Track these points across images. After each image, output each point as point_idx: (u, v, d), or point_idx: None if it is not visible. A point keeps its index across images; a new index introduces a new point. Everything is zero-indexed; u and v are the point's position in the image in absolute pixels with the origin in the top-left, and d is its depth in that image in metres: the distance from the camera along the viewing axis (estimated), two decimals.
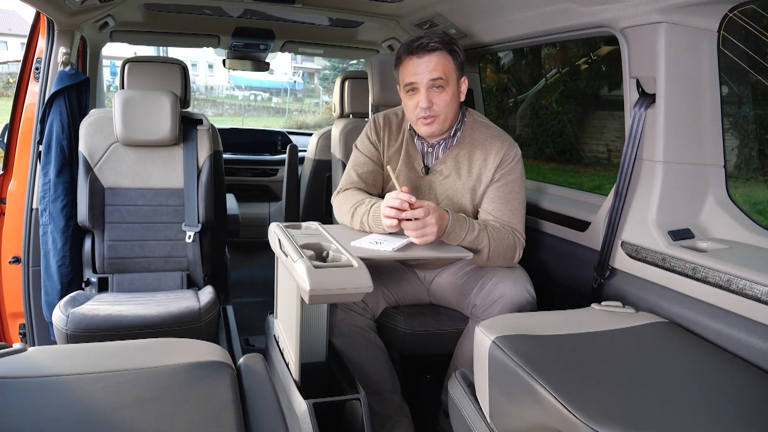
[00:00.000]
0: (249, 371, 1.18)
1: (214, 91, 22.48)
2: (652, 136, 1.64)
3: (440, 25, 2.46)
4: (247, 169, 3.78)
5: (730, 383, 1.20)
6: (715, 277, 1.44)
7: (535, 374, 1.18)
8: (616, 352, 1.31)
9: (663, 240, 1.61)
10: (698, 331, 1.47)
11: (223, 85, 22.58)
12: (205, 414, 0.96)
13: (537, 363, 1.22)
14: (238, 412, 0.99)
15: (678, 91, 1.59)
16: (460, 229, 1.72)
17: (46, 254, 2.24)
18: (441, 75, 1.78)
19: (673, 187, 1.64)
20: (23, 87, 2.31)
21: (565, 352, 1.29)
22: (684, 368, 1.26)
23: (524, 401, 1.19)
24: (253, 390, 1.11)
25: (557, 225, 2.12)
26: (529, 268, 2.08)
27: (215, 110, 19.73)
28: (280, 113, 20.37)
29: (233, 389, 1.06)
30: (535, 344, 1.32)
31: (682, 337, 1.41)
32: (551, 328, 1.41)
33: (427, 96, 1.80)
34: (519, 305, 1.76)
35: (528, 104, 10.24)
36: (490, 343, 1.33)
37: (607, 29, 1.75)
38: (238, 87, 21.98)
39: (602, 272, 1.80)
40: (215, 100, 20.95)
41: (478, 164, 1.89)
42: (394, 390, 1.89)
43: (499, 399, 1.30)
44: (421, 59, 1.79)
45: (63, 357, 1.14)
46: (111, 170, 2.31)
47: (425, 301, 2.09)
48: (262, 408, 1.04)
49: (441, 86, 1.79)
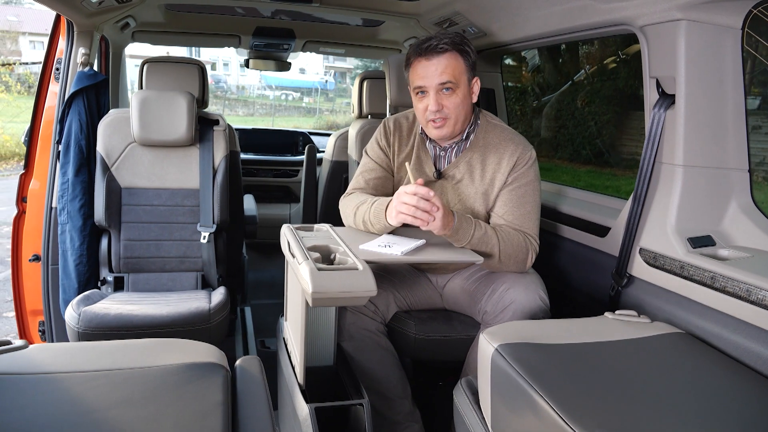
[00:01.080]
0: (244, 374, 1.20)
1: (246, 91, 22.84)
2: (671, 138, 1.61)
3: (459, 24, 2.45)
4: (268, 170, 3.84)
5: (744, 399, 1.17)
6: (734, 287, 1.40)
7: (535, 384, 1.17)
8: (625, 364, 1.29)
9: (682, 247, 1.57)
10: (715, 344, 1.43)
11: (254, 85, 22.92)
12: (193, 415, 0.99)
13: (539, 372, 1.21)
14: (227, 414, 1.01)
15: (699, 91, 1.56)
16: (467, 225, 1.71)
17: (64, 253, 2.32)
18: (450, 78, 1.77)
19: (693, 192, 1.60)
20: (44, 87, 2.40)
21: (570, 362, 1.28)
22: (695, 382, 1.23)
23: (524, 412, 1.18)
24: (246, 393, 1.13)
25: (577, 230, 2.09)
26: (546, 273, 2.05)
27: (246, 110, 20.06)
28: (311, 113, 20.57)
29: (224, 391, 1.08)
30: (539, 353, 1.30)
31: (697, 350, 1.37)
32: (559, 337, 1.39)
33: (437, 99, 1.79)
34: (531, 312, 1.74)
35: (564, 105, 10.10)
36: (493, 351, 1.33)
37: (627, 27, 1.72)
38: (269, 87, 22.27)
39: (619, 280, 1.77)
40: (246, 99, 21.28)
41: (492, 168, 1.88)
42: (405, 395, 1.89)
43: (500, 408, 1.29)
44: (430, 61, 1.78)
45: (61, 355, 1.18)
46: (128, 170, 2.37)
47: (439, 306, 2.09)
48: (252, 411, 1.06)
49: (451, 88, 1.78)
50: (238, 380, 1.18)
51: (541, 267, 2.04)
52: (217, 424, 0.97)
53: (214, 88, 20.95)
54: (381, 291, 1.95)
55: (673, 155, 1.61)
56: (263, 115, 19.84)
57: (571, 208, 2.18)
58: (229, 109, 19.46)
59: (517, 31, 2.23)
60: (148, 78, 2.52)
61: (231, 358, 2.70)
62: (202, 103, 2.62)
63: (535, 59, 10.29)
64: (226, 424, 0.98)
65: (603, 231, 1.96)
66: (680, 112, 1.57)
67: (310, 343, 1.78)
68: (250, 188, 3.76)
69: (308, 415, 1.51)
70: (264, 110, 20.39)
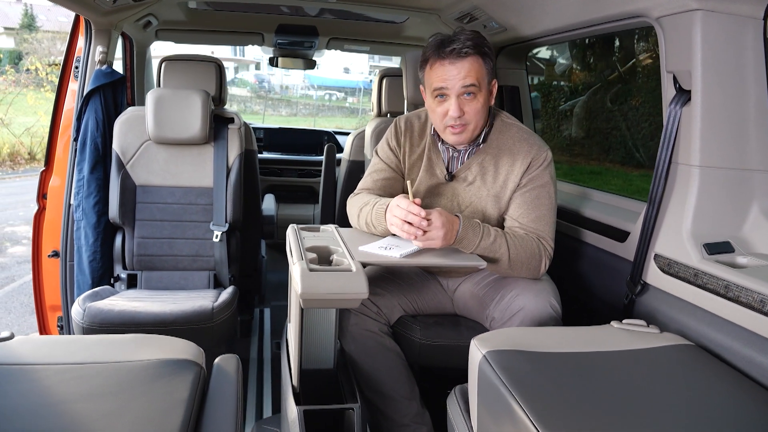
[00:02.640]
0: (219, 372, 1.22)
1: (290, 91, 23.18)
2: (687, 137, 1.55)
3: (479, 19, 2.44)
4: (292, 169, 3.89)
5: (747, 417, 1.12)
6: (747, 297, 1.34)
7: (516, 393, 1.15)
8: (621, 376, 1.25)
9: (696, 253, 1.51)
10: (726, 357, 1.37)
11: (298, 85, 23.25)
12: (154, 411, 1.01)
13: (523, 381, 1.19)
14: (189, 411, 1.03)
15: (716, 86, 1.50)
16: (473, 234, 1.69)
17: (78, 249, 2.41)
18: (474, 82, 1.75)
19: (711, 195, 1.54)
20: (64, 86, 2.51)
21: (560, 372, 1.25)
22: (695, 398, 1.18)
23: (504, 422, 1.16)
24: (217, 391, 1.15)
25: (596, 234, 2.04)
26: (564, 279, 2.01)
27: (289, 110, 20.35)
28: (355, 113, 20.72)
29: (193, 388, 1.10)
30: (528, 361, 1.28)
31: (704, 363, 1.32)
32: (555, 345, 1.36)
33: (458, 104, 1.76)
34: (540, 320, 1.70)
35: (617, 105, 9.85)
36: (481, 357, 1.31)
37: (644, 19, 1.67)
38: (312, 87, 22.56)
39: (633, 287, 1.72)
40: (290, 99, 21.60)
41: (505, 170, 1.86)
42: (412, 396, 1.88)
43: (485, 418, 1.27)
44: (453, 65, 1.75)
45: (42, 347, 1.23)
46: (143, 168, 2.45)
47: (449, 311, 2.07)
48: (218, 410, 1.08)
49: (473, 93, 1.76)
50: (213, 379, 1.20)
51: (559, 272, 2.00)
52: (177, 420, 0.99)
53: (258, 87, 21.36)
54: (386, 293, 1.95)
55: (689, 155, 1.55)
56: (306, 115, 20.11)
57: (592, 212, 2.13)
58: (272, 109, 19.80)
59: (536, 24, 2.19)
60: (166, 76, 2.60)
61: (245, 360, 2.74)
62: (219, 101, 2.69)
63: (588, 55, 10.08)
64: (186, 421, 1.00)
65: (623, 236, 1.91)
66: (696, 109, 1.52)
67: (309, 345, 1.80)
68: (274, 188, 3.83)
69: (296, 418, 1.52)
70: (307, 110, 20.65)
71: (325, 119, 19.14)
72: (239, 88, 21.10)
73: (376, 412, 1.92)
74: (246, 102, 19.56)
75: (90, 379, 1.10)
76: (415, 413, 1.88)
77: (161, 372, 1.14)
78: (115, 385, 1.09)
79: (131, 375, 1.13)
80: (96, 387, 1.07)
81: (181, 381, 1.12)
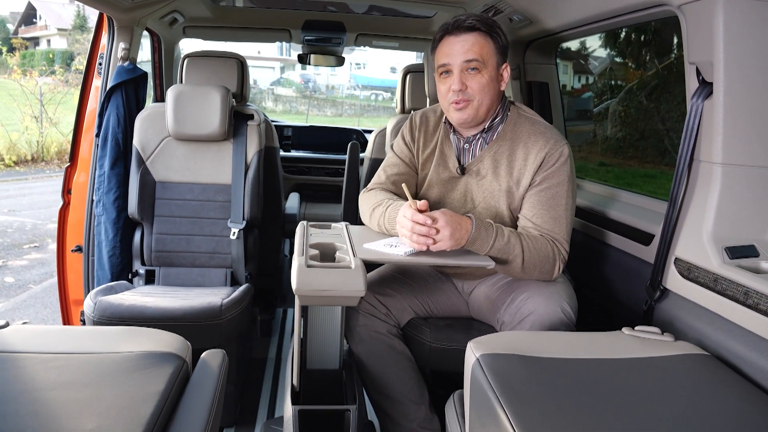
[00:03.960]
0: (203, 367, 1.24)
1: (336, 91, 23.41)
2: (709, 132, 1.49)
3: (504, 12, 2.41)
4: (320, 168, 3.92)
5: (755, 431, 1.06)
6: (767, 305, 1.27)
7: (503, 398, 1.12)
8: (622, 384, 1.21)
9: (717, 257, 1.45)
10: (744, 369, 1.31)
11: (344, 85, 23.46)
12: (127, 401, 1.04)
13: (513, 386, 1.16)
14: (161, 403, 1.05)
15: (740, 78, 1.43)
16: (486, 234, 1.66)
17: (99, 244, 2.50)
18: (477, 56, 1.74)
19: (734, 195, 1.47)
20: (88, 82, 2.60)
21: (556, 378, 1.21)
22: (702, 411, 1.13)
23: (490, 428, 1.13)
24: (196, 385, 1.17)
25: (621, 236, 1.98)
26: (585, 283, 1.96)
27: (334, 110, 20.55)
28: None
29: (170, 381, 1.12)
30: (524, 366, 1.25)
31: (717, 374, 1.26)
32: (556, 351, 1.33)
33: (461, 78, 1.76)
34: (551, 324, 1.66)
35: (673, 104, 9.54)
36: (474, 361, 1.29)
37: (667, 8, 1.61)
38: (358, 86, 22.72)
39: (652, 293, 1.66)
40: (335, 100, 21.80)
41: (519, 164, 1.82)
42: (421, 401, 1.87)
43: (475, 423, 1.25)
44: (457, 38, 1.76)
45: (34, 336, 1.28)
46: (162, 164, 2.51)
47: (464, 314, 2.04)
48: (192, 403, 1.09)
49: (476, 68, 1.75)
50: (195, 372, 1.22)
51: (581, 275, 1.95)
52: (147, 411, 1.01)
53: (303, 87, 21.64)
54: (396, 294, 1.94)
55: (711, 152, 1.49)
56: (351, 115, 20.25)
57: (618, 213, 2.07)
58: (317, 109, 20.02)
59: (559, 15, 2.15)
60: (188, 73, 2.66)
61: (263, 359, 2.77)
62: (241, 98, 2.73)
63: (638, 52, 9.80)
64: (156, 412, 1.02)
65: (648, 239, 1.85)
66: (718, 102, 1.45)
67: (314, 344, 1.81)
68: (301, 187, 3.86)
69: (291, 417, 1.53)
70: (353, 110, 20.80)
71: (370, 120, 19.22)
72: (284, 88, 21.43)
73: (383, 416, 1.91)
74: (291, 102, 19.83)
75: (71, 368, 1.14)
76: (423, 418, 1.86)
77: (142, 364, 1.17)
78: (94, 375, 1.12)
79: (112, 366, 1.16)
80: (75, 376, 1.11)
81: (159, 373, 1.14)
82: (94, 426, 0.96)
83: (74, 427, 0.95)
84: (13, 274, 4.98)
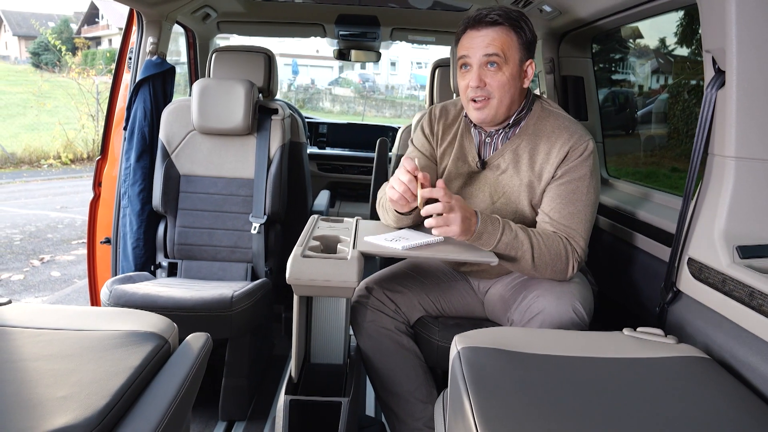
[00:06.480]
0: (184, 348, 1.32)
1: (395, 91, 23.54)
2: (722, 124, 1.46)
3: (534, 2, 2.42)
4: (353, 166, 3.99)
5: None
6: None
7: (471, 389, 1.15)
8: (606, 384, 1.21)
9: (726, 257, 1.42)
10: (747, 375, 1.28)
11: (404, 85, 23.57)
12: (101, 374, 1.13)
13: (483, 378, 1.19)
14: (132, 378, 1.13)
15: (754, 66, 1.40)
16: (492, 228, 1.68)
17: (124, 236, 2.65)
18: (497, 51, 1.74)
19: (747, 190, 1.44)
20: (119, 76, 2.76)
21: (531, 373, 1.23)
22: (689, 415, 1.12)
23: (458, 421, 1.16)
24: (173, 365, 1.25)
25: (645, 237, 1.96)
26: (608, 284, 1.95)
27: (393, 111, 20.64)
28: None
29: (147, 358, 1.21)
30: (505, 361, 1.27)
31: (714, 378, 1.24)
32: (545, 348, 1.34)
33: (479, 74, 1.76)
34: (561, 324, 1.66)
35: None
36: (455, 354, 1.32)
37: None
38: (418, 87, 22.77)
39: (665, 294, 1.64)
40: (394, 100, 21.91)
41: (541, 158, 1.82)
42: (428, 400, 1.90)
43: (451, 419, 1.28)
44: (478, 32, 1.76)
45: (31, 313, 1.39)
46: (187, 158, 2.64)
47: (479, 314, 2.06)
48: (164, 380, 1.17)
49: (497, 63, 1.75)
50: (176, 353, 1.30)
51: (606, 277, 1.94)
52: (117, 384, 1.10)
53: (361, 87, 21.87)
54: (406, 291, 1.98)
55: (724, 145, 1.46)
56: (410, 116, 20.26)
57: (645, 213, 2.04)
58: (375, 110, 20.16)
59: (589, 4, 2.15)
60: (216, 67, 2.78)
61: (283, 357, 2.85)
62: (268, 92, 2.84)
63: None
64: (126, 386, 1.10)
65: (669, 239, 1.82)
66: (731, 92, 1.43)
67: (317, 338, 1.87)
68: (335, 185, 3.95)
69: (283, 406, 1.60)
70: (412, 111, 20.86)
71: None
72: (342, 88, 21.68)
73: (390, 413, 1.95)
74: (349, 103, 20.03)
75: (55, 342, 1.24)
76: (429, 417, 1.88)
77: (123, 342, 1.26)
78: (76, 350, 1.22)
79: (94, 342, 1.25)
80: (58, 350, 1.21)
81: (137, 351, 1.23)
82: (65, 394, 1.05)
83: (46, 396, 1.05)
84: (59, 269, 5.29)
